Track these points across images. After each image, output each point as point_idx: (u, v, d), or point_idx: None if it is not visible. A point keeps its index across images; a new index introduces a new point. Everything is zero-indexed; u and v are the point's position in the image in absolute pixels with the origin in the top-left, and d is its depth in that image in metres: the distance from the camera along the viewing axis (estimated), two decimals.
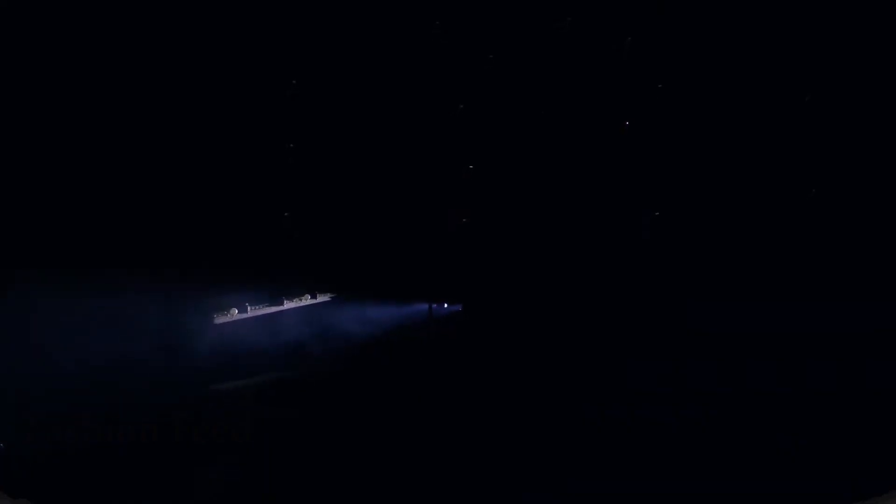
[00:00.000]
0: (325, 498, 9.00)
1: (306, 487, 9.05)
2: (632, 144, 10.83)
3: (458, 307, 10.93)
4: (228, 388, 9.92)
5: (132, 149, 10.31)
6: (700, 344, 10.32)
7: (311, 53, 10.53)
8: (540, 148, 10.94)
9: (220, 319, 10.37)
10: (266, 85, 10.59)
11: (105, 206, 10.24)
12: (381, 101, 10.79)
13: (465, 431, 9.88)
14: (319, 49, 10.51)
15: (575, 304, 10.85)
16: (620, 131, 10.85)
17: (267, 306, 10.56)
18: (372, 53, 10.67)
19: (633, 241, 10.95)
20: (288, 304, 10.59)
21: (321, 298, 10.69)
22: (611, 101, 10.82)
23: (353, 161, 10.74)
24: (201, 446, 9.17)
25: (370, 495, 9.01)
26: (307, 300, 10.66)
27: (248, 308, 10.55)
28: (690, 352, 10.32)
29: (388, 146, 10.80)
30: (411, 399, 10.10)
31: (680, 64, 10.66)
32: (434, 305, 10.86)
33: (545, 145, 10.93)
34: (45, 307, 9.51)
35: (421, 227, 10.83)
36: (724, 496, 9.02)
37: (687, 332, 10.48)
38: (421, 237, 10.79)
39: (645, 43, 10.64)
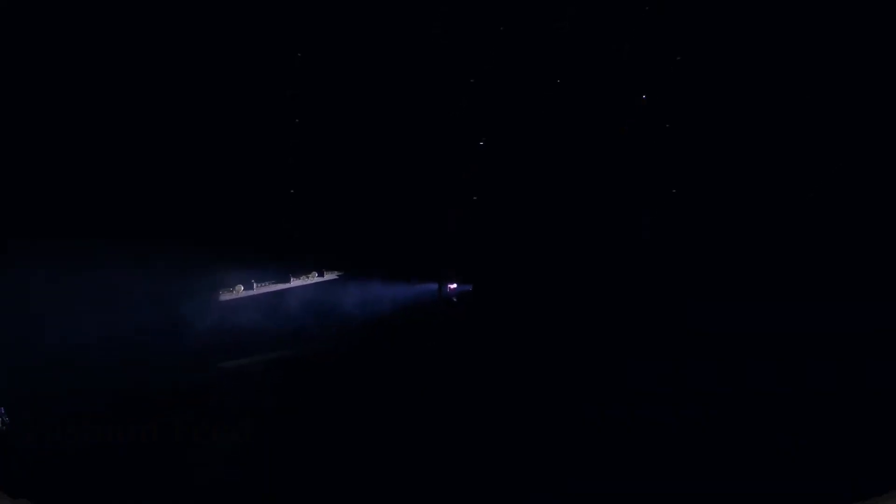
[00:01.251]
0: (324, 484, 8.79)
1: (307, 472, 8.89)
2: (638, 137, 10.89)
3: (469, 287, 10.82)
4: (232, 367, 9.69)
5: (137, 121, 10.18)
6: (700, 344, 10.30)
7: (317, 27, 10.51)
8: (552, 126, 10.93)
9: (225, 296, 10.16)
10: (272, 60, 10.53)
11: (108, 178, 10.08)
12: (390, 75, 10.76)
13: (464, 424, 9.72)
14: (325, 24, 10.49)
15: (578, 301, 10.80)
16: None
17: (273, 283, 10.38)
18: (380, 28, 10.64)
19: (635, 239, 10.97)
20: (295, 282, 10.41)
21: (329, 276, 10.52)
22: (621, 88, 10.90)
23: (363, 137, 10.67)
24: (202, 428, 8.95)
25: (367, 481, 8.85)
26: (314, 278, 10.49)
27: (255, 285, 10.40)
28: (690, 352, 10.30)
29: (398, 122, 10.77)
30: (414, 384, 9.92)
31: (683, 59, 10.78)
32: (444, 285, 10.75)
33: (557, 123, 10.93)
34: (40, 281, 9.31)
35: (430, 206, 10.74)
36: (724, 496, 8.88)
37: (687, 332, 10.48)
38: (430, 216, 10.70)
39: (650, 38, 10.75)
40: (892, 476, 8.01)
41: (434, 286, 10.78)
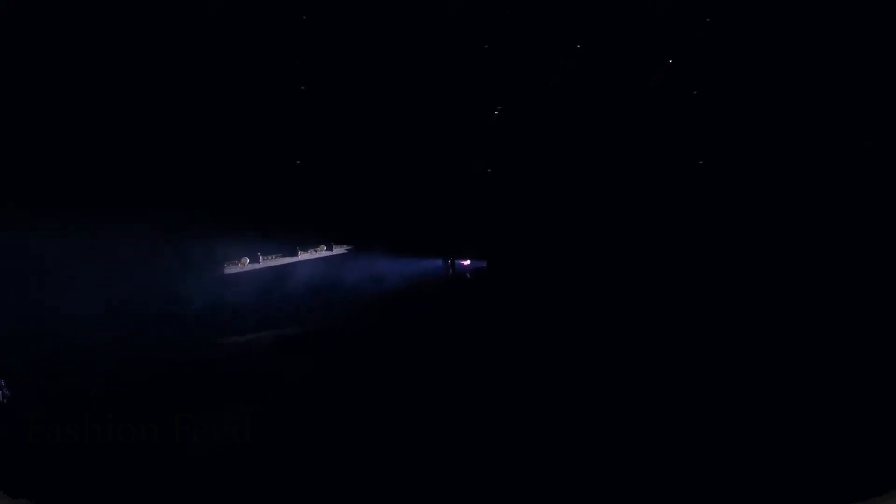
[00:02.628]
0: (326, 479, 8.43)
1: (310, 451, 8.63)
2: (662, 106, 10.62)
3: (483, 264, 10.50)
4: (234, 344, 9.27)
5: (140, 84, 9.86)
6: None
7: None
8: (571, 93, 10.65)
9: (230, 269, 9.71)
10: (277, 26, 10.18)
11: (108, 143, 9.79)
12: (399, 39, 10.39)
13: (472, 416, 9.40)
14: None
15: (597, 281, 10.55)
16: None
17: (280, 256, 9.96)
18: None
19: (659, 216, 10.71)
20: (302, 255, 10.02)
21: (337, 250, 10.15)
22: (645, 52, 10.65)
23: (373, 105, 10.31)
24: (202, 419, 8.65)
25: (373, 474, 8.50)
26: (322, 252, 10.10)
27: (261, 258, 10.08)
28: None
29: (409, 89, 10.45)
30: (423, 369, 9.56)
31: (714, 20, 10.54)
32: (456, 261, 10.42)
33: (577, 90, 10.64)
34: (33, 250, 9.13)
35: (443, 176, 10.40)
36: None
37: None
38: (444, 189, 10.37)
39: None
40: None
41: (445, 261, 10.46)
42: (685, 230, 10.64)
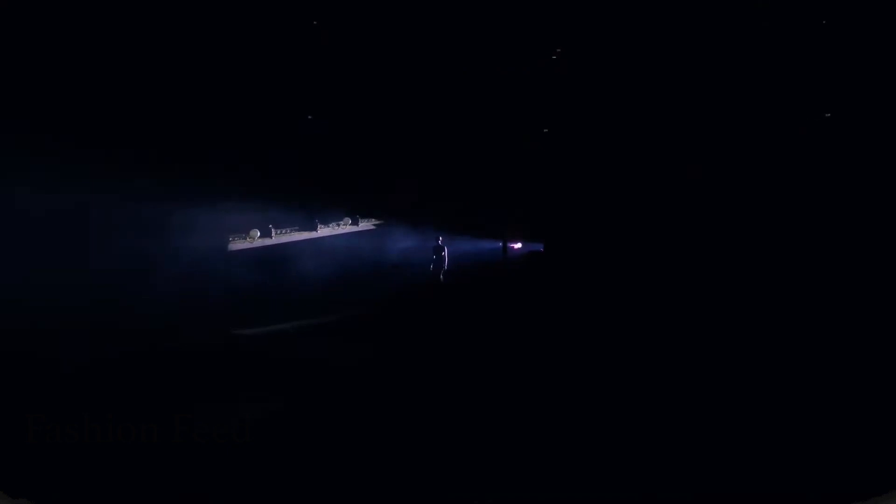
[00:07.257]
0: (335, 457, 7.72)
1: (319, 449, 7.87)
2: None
3: (540, 247, 9.67)
4: (244, 337, 8.21)
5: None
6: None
7: None
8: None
9: (235, 245, 8.37)
10: None
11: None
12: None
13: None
14: None
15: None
16: None
17: (297, 231, 8.69)
18: None
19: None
20: (322, 231, 8.80)
21: (364, 226, 8.99)
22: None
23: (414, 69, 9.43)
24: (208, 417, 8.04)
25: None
26: (347, 226, 8.91)
27: (273, 232, 8.65)
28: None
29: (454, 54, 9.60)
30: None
31: None
32: (509, 244, 9.50)
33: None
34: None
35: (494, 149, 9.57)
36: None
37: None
38: (495, 160, 9.52)
39: None
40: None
41: (497, 244, 9.48)
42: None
